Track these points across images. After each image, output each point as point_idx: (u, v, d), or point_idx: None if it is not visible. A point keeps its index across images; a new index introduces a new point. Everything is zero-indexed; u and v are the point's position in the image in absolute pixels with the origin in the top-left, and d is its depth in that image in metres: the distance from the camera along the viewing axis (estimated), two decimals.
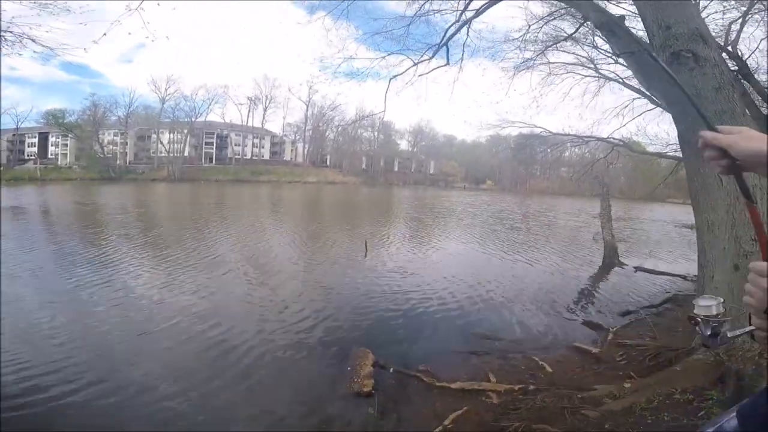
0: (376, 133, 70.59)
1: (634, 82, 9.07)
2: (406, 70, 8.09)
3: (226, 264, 10.04)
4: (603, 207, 11.34)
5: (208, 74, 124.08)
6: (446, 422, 3.57)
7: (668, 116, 8.67)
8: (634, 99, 9.55)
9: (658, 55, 3.39)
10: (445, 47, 7.73)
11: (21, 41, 7.20)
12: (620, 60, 8.72)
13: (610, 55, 8.90)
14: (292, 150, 69.41)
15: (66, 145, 56.90)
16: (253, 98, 65.74)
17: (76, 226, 16.42)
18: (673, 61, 3.26)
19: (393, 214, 21.23)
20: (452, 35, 7.58)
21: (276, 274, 9.35)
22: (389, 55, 8.19)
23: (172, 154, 58.77)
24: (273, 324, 6.20)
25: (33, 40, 7.24)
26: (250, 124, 66.64)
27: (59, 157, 57.43)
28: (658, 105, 8.69)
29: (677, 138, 4.20)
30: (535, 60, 8.91)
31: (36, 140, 57.50)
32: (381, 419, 3.80)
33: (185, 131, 59.71)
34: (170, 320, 6.15)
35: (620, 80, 9.29)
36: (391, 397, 4.19)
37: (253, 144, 66.55)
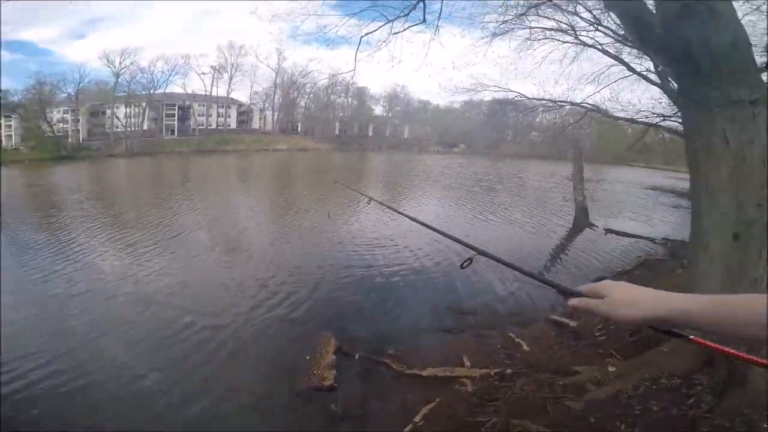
0: (349, 99, 68.69)
1: (612, 49, 8.87)
2: (379, 28, 7.47)
3: (191, 243, 9.30)
4: (576, 168, 11.19)
5: (167, 45, 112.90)
6: (416, 419, 3.21)
7: (642, 84, 8.48)
8: (610, 66, 9.36)
9: (666, 8, 3.02)
10: (421, 3, 7.08)
11: None
12: (601, 28, 8.41)
13: (592, 22, 8.61)
14: (260, 118, 66.85)
15: (10, 126, 53.54)
16: (217, 67, 62.31)
17: (27, 209, 14.80)
18: (682, 13, 2.89)
19: (367, 179, 20.49)
20: None
21: (239, 251, 8.75)
22: (362, 11, 7.46)
23: (129, 129, 55.96)
24: (234, 307, 5.71)
25: None
26: (214, 93, 63.47)
27: (3, 139, 54.20)
28: (635, 72, 8.54)
29: (677, 94, 3.72)
30: (514, 23, 8.44)
31: None
32: (343, 419, 3.39)
33: (143, 104, 56.64)
34: (132, 308, 5.68)
35: (599, 47, 9.01)
36: (357, 390, 3.80)
37: (218, 114, 63.96)
